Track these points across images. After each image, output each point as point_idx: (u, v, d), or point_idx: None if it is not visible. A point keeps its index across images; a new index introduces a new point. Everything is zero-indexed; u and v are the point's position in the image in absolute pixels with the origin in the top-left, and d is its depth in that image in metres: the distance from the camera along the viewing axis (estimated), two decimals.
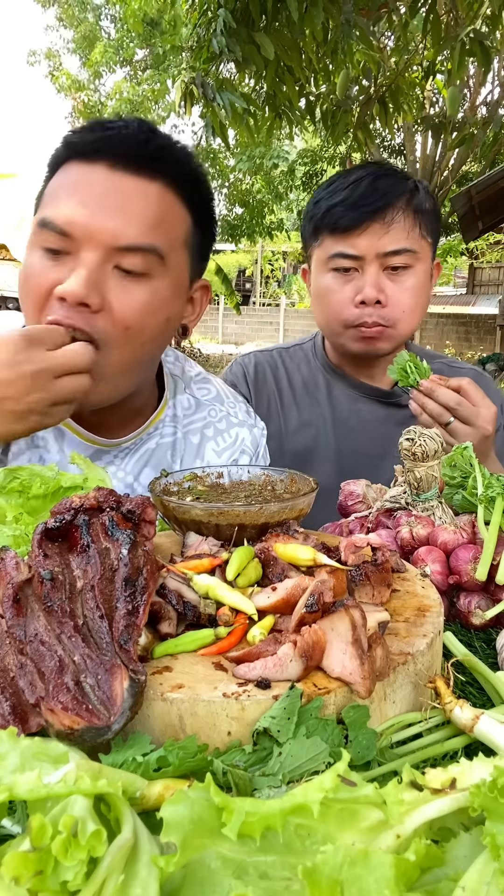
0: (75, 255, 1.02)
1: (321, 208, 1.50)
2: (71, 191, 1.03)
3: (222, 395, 1.42)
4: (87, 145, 1.04)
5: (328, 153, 14.68)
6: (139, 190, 1.04)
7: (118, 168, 1.03)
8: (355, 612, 0.62)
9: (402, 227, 1.44)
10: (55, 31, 18.64)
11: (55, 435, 1.22)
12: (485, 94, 9.58)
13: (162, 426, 1.32)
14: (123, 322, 1.04)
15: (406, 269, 1.47)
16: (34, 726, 0.54)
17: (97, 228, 1.00)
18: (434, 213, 1.52)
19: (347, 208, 1.44)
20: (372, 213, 1.43)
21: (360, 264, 1.47)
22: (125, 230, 1.01)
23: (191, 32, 3.97)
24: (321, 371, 1.70)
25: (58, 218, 1.01)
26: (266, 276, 30.98)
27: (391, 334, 1.50)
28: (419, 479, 1.05)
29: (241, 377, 1.71)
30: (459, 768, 0.47)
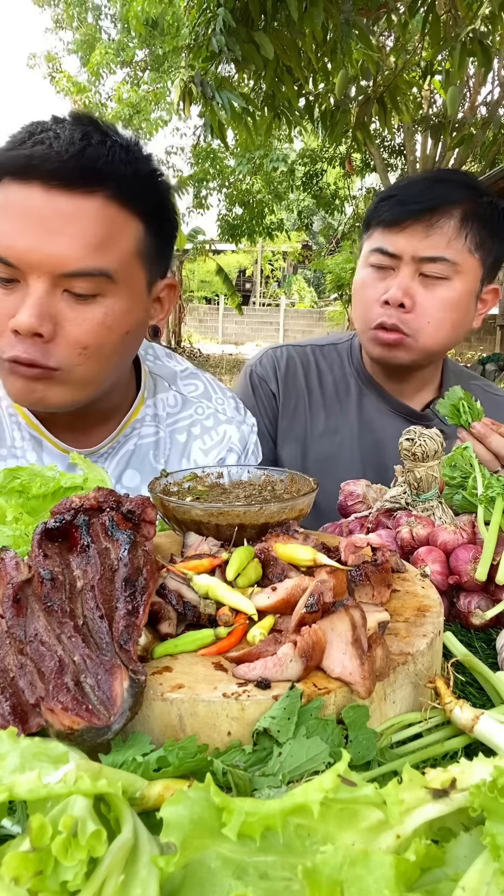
0: (23, 282, 0.99)
1: (376, 201, 1.47)
2: (7, 216, 0.97)
3: (210, 391, 1.39)
4: (20, 164, 0.96)
5: (328, 153, 14.68)
6: (78, 210, 0.98)
7: (53, 187, 0.96)
8: (355, 612, 0.62)
9: (444, 234, 1.37)
10: (54, 33, 18.64)
11: (33, 445, 1.22)
12: (485, 94, 9.58)
13: (140, 426, 1.30)
14: (80, 344, 1.03)
15: (442, 281, 1.40)
16: (34, 726, 0.54)
17: (39, 257, 0.97)
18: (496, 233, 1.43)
19: (396, 203, 1.41)
20: (417, 212, 1.37)
21: (396, 264, 1.42)
22: (68, 256, 0.97)
23: (190, 31, 3.97)
24: (354, 377, 1.63)
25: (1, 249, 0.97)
26: (266, 277, 30.99)
27: (410, 344, 1.43)
28: (419, 479, 1.05)
29: (272, 371, 1.64)
30: (459, 768, 0.47)
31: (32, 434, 1.22)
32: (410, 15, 3.71)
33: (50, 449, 1.22)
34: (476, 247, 1.41)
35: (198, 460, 1.33)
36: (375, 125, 5.10)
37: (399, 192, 1.44)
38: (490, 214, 1.42)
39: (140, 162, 1.06)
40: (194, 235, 16.33)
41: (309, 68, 3.88)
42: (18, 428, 1.22)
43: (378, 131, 9.46)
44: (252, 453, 1.40)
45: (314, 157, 15.38)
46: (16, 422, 1.22)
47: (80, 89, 17.04)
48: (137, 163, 1.05)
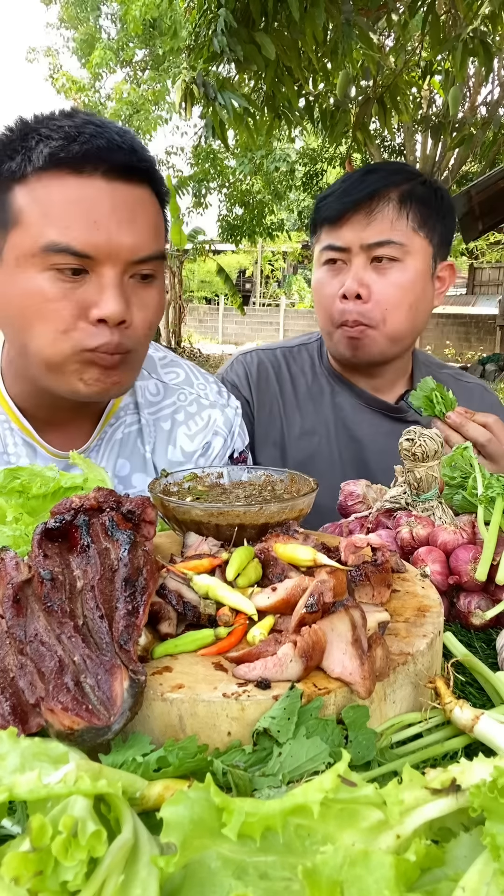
0: (94, 273, 1.01)
1: (318, 203, 1.51)
2: (76, 209, 0.98)
3: (191, 377, 1.40)
4: (83, 157, 0.98)
5: (328, 153, 14.68)
6: (137, 199, 1.04)
7: (113, 179, 1.01)
8: (355, 613, 0.62)
9: (385, 218, 1.41)
10: (55, 29, 18.65)
11: (27, 451, 1.23)
12: (485, 94, 9.58)
13: (124, 415, 1.31)
14: (147, 324, 1.10)
15: (393, 263, 1.42)
16: (34, 726, 0.54)
17: (116, 246, 1.00)
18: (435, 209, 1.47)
19: (335, 199, 1.45)
20: (354, 203, 1.41)
21: (347, 256, 1.45)
22: (141, 243, 1.03)
23: (191, 32, 3.97)
24: (325, 376, 1.65)
25: (74, 241, 0.98)
26: (266, 277, 30.99)
27: (374, 336, 1.45)
28: (419, 479, 1.05)
29: (244, 377, 1.65)
30: (459, 768, 0.47)
31: (25, 439, 1.22)
32: (410, 15, 3.71)
33: (43, 454, 1.23)
34: (419, 225, 1.44)
35: (184, 446, 1.33)
36: (375, 125, 5.10)
37: (336, 188, 1.47)
38: (428, 194, 1.46)
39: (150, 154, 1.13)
40: (194, 235, 16.32)
41: (309, 68, 3.88)
42: (12, 434, 1.22)
43: (378, 131, 9.46)
44: (238, 435, 1.40)
45: (314, 157, 15.37)
46: (8, 427, 1.22)
47: (80, 88, 17.05)
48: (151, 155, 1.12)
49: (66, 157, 0.98)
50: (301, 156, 15.75)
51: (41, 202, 0.99)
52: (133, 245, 1.02)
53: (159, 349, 1.44)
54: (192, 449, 1.33)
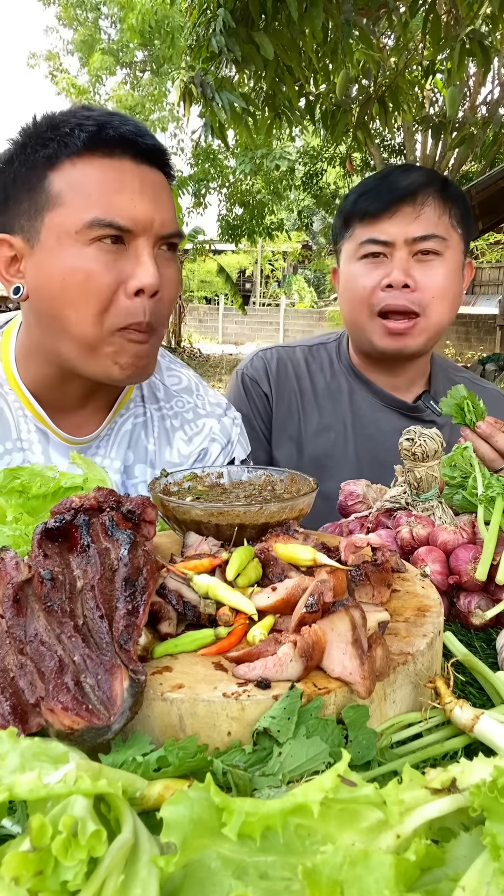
0: (129, 246, 1.09)
1: (351, 199, 1.51)
2: (115, 188, 1.06)
3: (192, 386, 1.42)
4: (112, 142, 1.07)
5: (328, 153, 14.67)
6: (160, 182, 1.13)
7: (140, 162, 1.09)
8: (355, 612, 0.62)
9: (432, 212, 1.44)
10: (55, 31, 18.66)
11: (39, 437, 1.24)
12: (485, 94, 9.58)
13: (134, 406, 1.34)
14: (170, 299, 1.16)
15: (436, 256, 1.46)
16: (34, 726, 0.54)
17: (150, 221, 1.08)
18: (465, 208, 1.51)
19: (378, 194, 1.46)
20: (402, 196, 1.43)
21: (389, 250, 1.46)
22: (167, 219, 1.11)
23: (190, 32, 3.97)
24: (344, 375, 1.66)
25: (118, 216, 1.05)
26: (266, 277, 30.98)
27: (421, 325, 1.47)
28: (419, 479, 1.05)
29: (263, 372, 1.67)
30: (459, 768, 0.47)
31: (38, 426, 1.24)
32: (411, 15, 3.71)
33: (55, 441, 1.24)
34: (458, 222, 1.49)
35: (180, 449, 1.35)
36: (376, 125, 5.10)
37: (376, 184, 1.49)
38: (457, 194, 1.51)
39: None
40: (194, 235, 16.32)
41: (309, 68, 3.88)
42: (25, 421, 1.23)
43: (378, 131, 9.46)
44: (238, 444, 1.41)
45: (314, 157, 15.37)
46: (22, 414, 1.23)
47: (80, 91, 17.05)
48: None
49: (101, 141, 1.07)
50: (301, 154, 15.74)
51: (81, 183, 1.06)
52: (162, 220, 1.10)
53: (164, 354, 1.46)
54: (187, 452, 1.35)
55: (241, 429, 1.43)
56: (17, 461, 1.22)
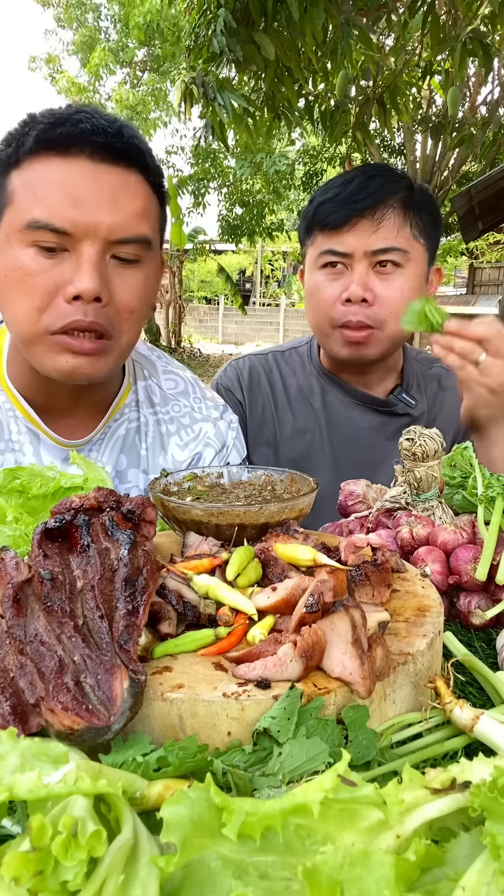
0: (73, 250, 1.04)
1: (314, 205, 1.50)
2: (58, 188, 1.02)
3: (188, 389, 1.42)
4: (65, 138, 1.02)
5: (328, 153, 14.67)
6: (123, 181, 1.06)
7: (99, 160, 1.04)
8: (355, 612, 0.62)
9: (391, 225, 1.43)
10: (54, 34, 18.66)
11: (30, 438, 1.24)
12: (485, 94, 9.58)
13: (128, 411, 1.33)
14: (128, 308, 1.10)
15: (396, 268, 1.45)
16: (34, 726, 0.54)
17: (95, 224, 1.02)
18: (431, 217, 1.50)
19: (337, 205, 1.44)
20: (361, 210, 1.42)
21: (348, 262, 1.46)
22: (119, 223, 1.04)
23: (190, 32, 3.97)
24: (316, 376, 1.68)
25: (54, 218, 1.01)
26: (266, 277, 30.98)
27: (378, 337, 1.47)
28: (419, 479, 1.05)
29: (236, 382, 1.69)
30: (459, 768, 0.47)
31: (29, 427, 1.23)
32: (410, 15, 3.70)
33: (47, 442, 1.24)
34: (420, 232, 1.47)
35: (174, 454, 1.35)
36: (375, 125, 5.10)
37: (336, 192, 1.47)
38: (425, 201, 1.49)
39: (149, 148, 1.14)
40: (194, 235, 16.31)
41: (309, 69, 3.88)
42: (16, 421, 1.23)
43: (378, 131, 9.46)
44: (234, 448, 1.42)
45: (314, 157, 15.35)
46: (13, 415, 1.23)
47: (80, 90, 17.05)
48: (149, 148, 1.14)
49: (51, 138, 1.02)
50: (301, 154, 15.72)
51: (30, 183, 1.04)
52: (112, 224, 1.04)
53: (162, 357, 1.46)
54: (182, 458, 1.35)
55: (237, 433, 1.43)
56: (10, 462, 1.21)
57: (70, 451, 1.23)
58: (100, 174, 1.04)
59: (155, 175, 1.13)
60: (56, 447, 1.24)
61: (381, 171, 1.51)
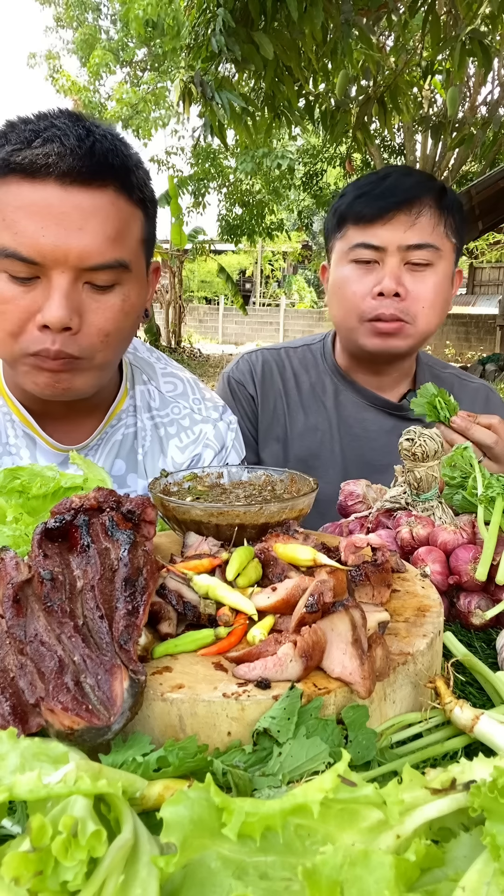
0: (45, 278, 1.01)
1: (347, 199, 1.49)
2: (27, 215, 0.98)
3: (188, 391, 1.41)
4: (36, 163, 0.97)
5: (328, 153, 14.67)
6: (95, 205, 1.01)
7: (69, 184, 0.99)
8: (355, 612, 0.62)
9: (427, 222, 1.43)
10: (55, 31, 18.63)
11: (27, 443, 1.24)
12: (485, 94, 9.58)
13: (125, 416, 1.33)
14: (102, 332, 1.07)
15: (427, 266, 1.45)
16: (34, 726, 0.54)
17: (64, 253, 0.99)
18: (461, 217, 1.50)
19: (374, 198, 1.44)
20: (398, 203, 1.42)
21: (381, 256, 1.45)
22: (92, 250, 1.01)
23: (190, 31, 3.97)
24: (329, 375, 1.67)
25: (21, 247, 0.98)
26: (266, 277, 30.98)
27: (409, 331, 1.47)
28: (419, 479, 1.05)
29: (249, 375, 1.68)
30: (459, 768, 0.47)
31: (26, 431, 1.23)
32: (410, 15, 3.70)
33: (43, 447, 1.24)
34: (452, 232, 1.48)
35: (174, 457, 1.35)
36: (375, 125, 5.10)
37: (371, 187, 1.47)
38: (456, 203, 1.49)
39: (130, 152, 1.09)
40: (194, 235, 16.32)
41: (309, 68, 3.88)
42: (12, 426, 1.23)
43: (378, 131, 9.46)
44: (233, 449, 1.41)
45: (314, 157, 15.36)
46: (9, 419, 1.23)
47: (80, 89, 17.04)
48: (130, 154, 1.09)
49: (18, 162, 0.98)
50: (301, 153, 15.73)
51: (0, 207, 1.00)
52: (82, 251, 1.00)
53: (161, 359, 1.45)
54: (181, 461, 1.35)
55: (236, 433, 1.43)
56: (7, 465, 1.21)
57: (67, 454, 1.23)
58: (69, 198, 0.99)
59: (138, 188, 1.08)
60: (53, 452, 1.24)
61: (412, 171, 1.52)
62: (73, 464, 1.08)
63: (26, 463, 1.22)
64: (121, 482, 1.31)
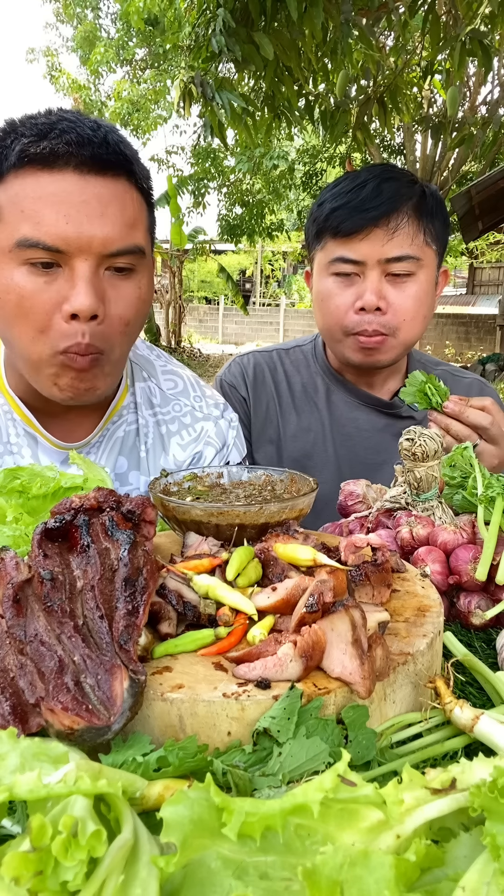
0: (67, 266, 1.02)
1: (325, 210, 1.47)
2: (47, 204, 0.99)
3: (189, 388, 1.41)
4: (51, 153, 0.99)
5: (328, 153, 14.67)
6: (112, 193, 1.04)
7: (86, 173, 1.01)
8: (355, 612, 0.62)
9: (406, 234, 1.41)
10: (54, 28, 18.60)
11: (28, 441, 1.24)
12: (485, 94, 9.58)
13: (126, 413, 1.33)
14: (123, 321, 1.08)
15: (409, 277, 1.44)
16: (34, 726, 0.54)
17: (87, 240, 1.01)
18: (442, 221, 1.49)
19: (351, 212, 1.42)
20: (375, 218, 1.40)
21: (361, 269, 1.44)
22: (112, 235, 1.03)
23: (190, 31, 3.97)
24: (321, 375, 1.68)
25: (45, 236, 0.99)
26: (266, 277, 30.98)
27: (391, 344, 1.47)
28: (419, 479, 1.04)
29: (240, 378, 1.69)
30: (459, 768, 0.47)
31: (27, 430, 1.23)
32: (410, 15, 3.70)
33: (44, 445, 1.24)
34: (432, 239, 1.47)
35: (175, 455, 1.35)
36: (375, 125, 5.10)
37: (348, 198, 1.44)
38: (437, 206, 1.48)
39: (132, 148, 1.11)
40: (194, 235, 16.32)
41: (309, 68, 3.88)
42: (13, 424, 1.23)
43: (378, 131, 9.46)
44: (234, 447, 1.41)
45: (314, 156, 15.35)
46: (10, 418, 1.23)
47: (80, 87, 17.02)
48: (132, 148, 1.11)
49: (36, 153, 0.99)
50: (301, 153, 15.72)
51: (17, 199, 1.01)
52: (104, 238, 1.02)
53: (161, 356, 1.45)
54: (183, 458, 1.35)
55: (237, 431, 1.43)
56: (8, 464, 1.21)
57: (68, 453, 1.23)
58: (88, 186, 1.01)
59: (142, 179, 1.11)
60: (54, 450, 1.24)
61: (392, 173, 1.48)
62: (72, 463, 1.08)
63: (28, 461, 1.22)
64: (123, 479, 1.31)
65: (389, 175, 1.46)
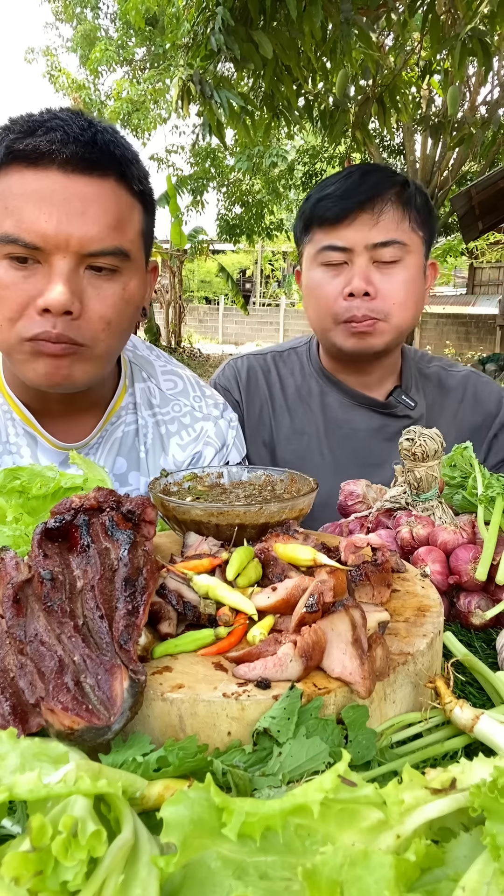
0: (46, 263, 1.03)
1: (311, 202, 1.50)
2: (29, 202, 1.00)
3: (188, 388, 1.41)
4: (40, 150, 1.00)
5: (328, 153, 14.67)
6: (96, 192, 1.03)
7: (71, 172, 1.01)
8: (355, 612, 0.62)
9: (391, 219, 1.43)
10: (54, 28, 18.59)
11: (27, 441, 1.24)
12: (485, 94, 9.58)
13: (125, 414, 1.33)
14: (104, 319, 1.08)
15: (396, 263, 1.45)
16: (34, 726, 0.54)
17: (65, 238, 1.01)
18: (426, 210, 1.51)
19: (335, 200, 1.45)
20: (360, 203, 1.42)
21: (349, 257, 1.46)
22: (91, 235, 1.03)
23: (189, 30, 3.97)
24: (315, 377, 1.68)
25: (24, 233, 1.00)
26: (266, 276, 30.97)
27: (383, 328, 1.47)
28: (419, 479, 1.04)
29: (234, 382, 1.69)
30: (459, 768, 0.47)
31: (26, 429, 1.23)
32: (410, 14, 3.70)
33: (44, 445, 1.24)
34: (418, 225, 1.48)
35: (175, 455, 1.35)
36: (375, 125, 5.10)
37: (333, 188, 1.47)
38: (419, 195, 1.50)
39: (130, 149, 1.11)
40: (194, 235, 16.31)
41: (308, 68, 3.87)
42: (13, 424, 1.23)
43: (377, 131, 9.45)
44: (234, 447, 1.41)
45: (314, 156, 15.34)
46: (10, 417, 1.23)
47: (79, 87, 17.01)
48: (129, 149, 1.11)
49: (21, 150, 1.00)
50: (300, 153, 15.71)
51: (2, 195, 1.02)
52: (82, 237, 1.02)
53: (161, 356, 1.45)
54: (182, 458, 1.35)
55: (237, 431, 1.43)
56: (7, 464, 1.21)
57: (68, 453, 1.23)
58: (71, 186, 1.01)
59: (138, 179, 1.10)
60: (53, 450, 1.24)
61: (375, 167, 1.52)
62: (72, 463, 1.08)
63: (27, 461, 1.22)
64: (122, 480, 1.31)
65: (372, 168, 1.51)
